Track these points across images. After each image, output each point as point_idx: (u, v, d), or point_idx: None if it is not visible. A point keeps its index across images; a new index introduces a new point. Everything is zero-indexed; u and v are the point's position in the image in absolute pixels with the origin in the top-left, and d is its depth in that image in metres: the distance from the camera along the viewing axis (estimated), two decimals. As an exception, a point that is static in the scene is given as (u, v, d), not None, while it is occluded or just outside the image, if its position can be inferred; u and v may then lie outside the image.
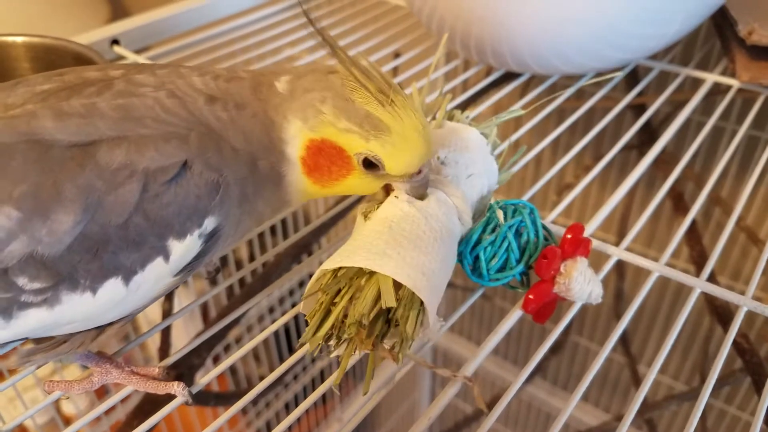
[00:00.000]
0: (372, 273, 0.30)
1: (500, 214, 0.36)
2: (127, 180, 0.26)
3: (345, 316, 0.30)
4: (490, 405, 0.31)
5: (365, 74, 0.29)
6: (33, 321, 0.27)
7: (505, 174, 0.41)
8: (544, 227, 0.37)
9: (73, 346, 0.30)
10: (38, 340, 0.30)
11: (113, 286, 0.27)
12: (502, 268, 0.35)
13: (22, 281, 0.26)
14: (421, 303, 0.30)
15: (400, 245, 0.30)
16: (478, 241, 0.35)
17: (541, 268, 0.34)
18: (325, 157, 0.31)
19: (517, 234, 0.35)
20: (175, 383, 0.33)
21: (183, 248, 0.28)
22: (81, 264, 0.26)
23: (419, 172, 0.32)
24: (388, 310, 0.29)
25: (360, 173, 0.31)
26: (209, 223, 0.29)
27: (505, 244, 0.35)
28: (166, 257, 0.28)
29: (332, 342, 0.30)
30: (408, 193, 0.33)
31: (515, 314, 0.35)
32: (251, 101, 0.30)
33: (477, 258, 0.35)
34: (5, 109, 0.27)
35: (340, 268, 0.31)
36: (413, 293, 0.29)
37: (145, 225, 0.27)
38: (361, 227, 0.34)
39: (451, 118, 0.41)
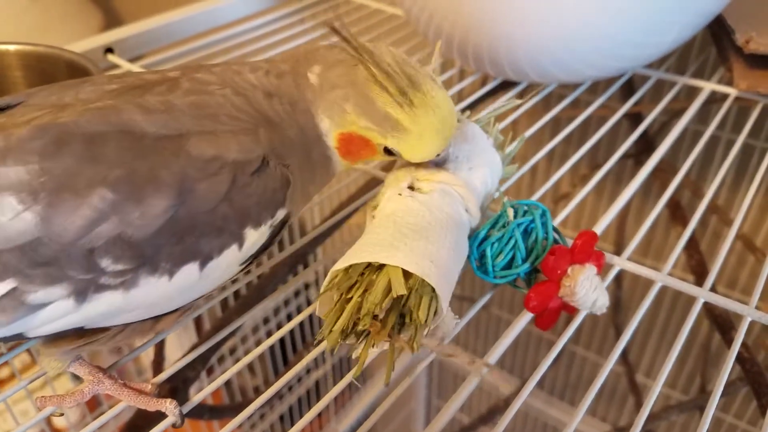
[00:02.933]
0: (382, 266, 0.30)
1: (510, 211, 0.36)
2: (219, 170, 0.28)
3: (359, 311, 0.30)
4: (487, 416, 0.31)
5: (387, 75, 0.31)
6: (104, 305, 0.27)
7: (511, 167, 0.41)
8: (555, 230, 0.36)
9: (131, 333, 0.31)
10: (86, 333, 0.30)
11: (189, 271, 0.28)
12: (507, 266, 0.35)
13: (105, 262, 0.26)
14: (433, 290, 0.30)
15: (406, 237, 0.31)
16: (486, 237, 0.36)
17: (548, 265, 0.34)
18: (354, 145, 0.33)
19: (526, 233, 0.36)
20: (167, 401, 0.32)
21: (256, 236, 0.30)
22: (165, 247, 0.27)
23: (437, 155, 0.35)
24: (403, 303, 0.30)
25: (384, 155, 0.34)
26: (280, 214, 0.31)
27: (512, 242, 0.35)
28: (241, 245, 0.29)
29: (350, 339, 0.31)
30: (428, 166, 0.36)
31: (523, 319, 0.35)
32: (299, 97, 0.33)
33: (483, 254, 0.35)
34: (83, 103, 0.28)
35: (351, 266, 0.31)
36: (423, 281, 0.30)
37: (230, 213, 0.28)
38: (368, 226, 0.35)
39: None
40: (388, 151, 0.33)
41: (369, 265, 0.31)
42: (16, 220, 0.25)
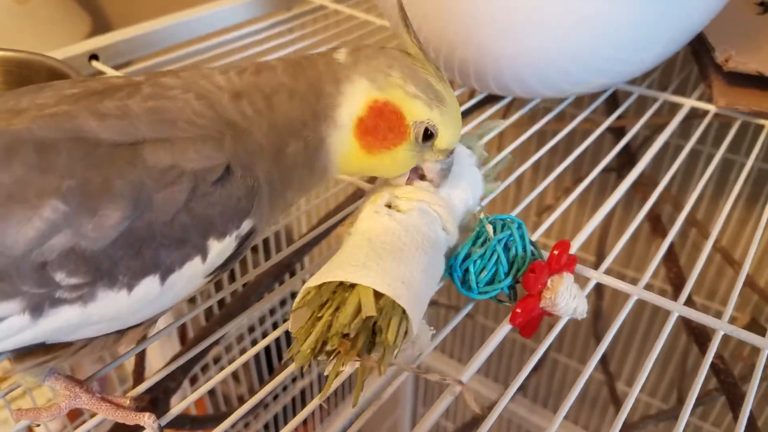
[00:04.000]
0: (354, 285, 0.30)
1: (490, 228, 0.36)
2: (177, 179, 0.27)
3: (329, 328, 0.30)
4: (472, 423, 0.31)
5: (425, 52, 0.32)
6: (62, 320, 0.26)
7: (491, 185, 0.42)
8: (531, 242, 0.37)
9: (94, 349, 0.30)
10: (52, 348, 0.29)
11: (150, 284, 0.27)
12: (490, 281, 0.36)
13: (59, 276, 0.25)
14: (404, 312, 0.30)
15: (379, 257, 0.31)
16: (468, 255, 0.36)
17: (529, 282, 0.34)
18: (384, 120, 0.32)
19: (506, 248, 0.36)
20: (146, 414, 0.32)
21: (221, 248, 0.29)
22: (123, 260, 0.26)
23: (451, 152, 0.35)
24: (373, 322, 0.30)
25: (409, 145, 0.33)
26: (246, 225, 0.30)
27: (494, 258, 0.36)
28: (204, 256, 0.28)
29: (320, 357, 0.31)
30: (434, 176, 0.35)
31: (504, 329, 0.35)
32: (287, 84, 0.31)
33: (467, 271, 0.36)
34: (39, 108, 0.27)
35: (324, 283, 0.31)
36: (395, 302, 0.30)
37: (190, 223, 0.27)
38: (344, 243, 0.34)
39: None
40: (423, 135, 0.33)
41: (341, 283, 0.31)
42: None
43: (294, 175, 0.32)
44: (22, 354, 0.29)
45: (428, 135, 0.33)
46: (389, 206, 0.35)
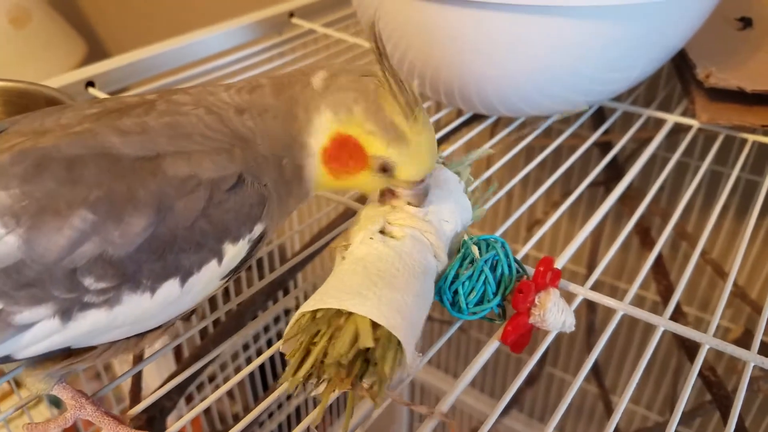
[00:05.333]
0: (350, 313, 0.30)
1: (475, 249, 0.37)
2: (195, 187, 0.29)
3: (324, 355, 0.30)
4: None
5: (399, 86, 0.32)
6: (88, 323, 0.28)
7: (479, 210, 0.42)
8: (516, 260, 0.38)
9: (116, 351, 0.32)
10: (76, 352, 0.31)
11: (171, 286, 0.29)
12: (479, 302, 0.36)
13: (88, 281, 0.27)
14: (398, 341, 0.30)
15: (374, 284, 0.31)
16: (456, 277, 0.36)
17: (518, 301, 0.35)
18: (345, 151, 0.34)
19: (492, 268, 0.37)
20: None
21: (235, 251, 0.31)
22: (146, 264, 0.28)
23: (422, 181, 0.35)
24: (367, 349, 0.30)
25: (371, 172, 0.34)
26: (258, 229, 0.31)
27: (482, 278, 0.36)
28: (220, 259, 0.30)
29: (312, 381, 0.31)
30: (411, 199, 0.36)
31: (491, 347, 0.36)
32: (272, 104, 0.33)
33: (456, 293, 0.36)
34: (63, 128, 0.29)
35: (318, 309, 0.31)
36: (390, 332, 0.30)
37: (208, 229, 0.29)
38: (338, 268, 0.34)
39: None
40: (381, 168, 0.34)
41: (337, 310, 0.31)
42: None
43: (291, 185, 0.34)
44: (43, 359, 0.30)
45: (386, 170, 0.34)
46: (382, 232, 0.35)
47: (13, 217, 0.26)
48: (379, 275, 0.32)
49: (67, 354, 0.31)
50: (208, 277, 0.30)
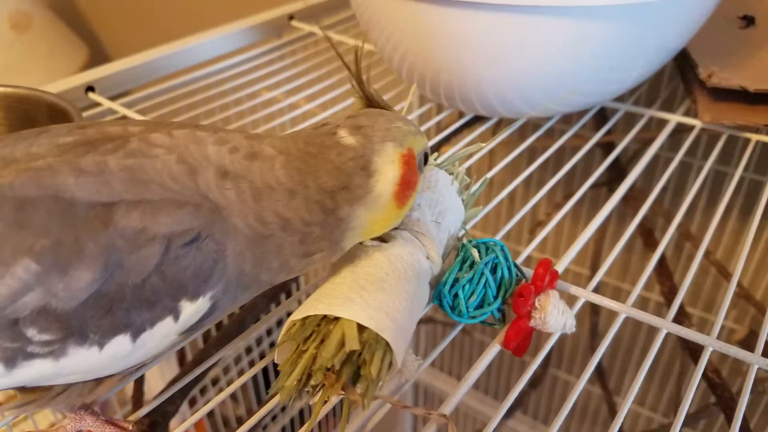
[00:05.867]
0: (338, 318, 0.30)
1: (475, 252, 0.37)
2: (149, 242, 0.27)
3: (315, 362, 0.30)
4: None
5: (382, 100, 0.35)
6: (35, 371, 0.27)
7: (474, 210, 0.42)
8: (514, 264, 0.38)
9: (70, 396, 0.30)
10: (32, 390, 0.30)
11: (120, 342, 0.27)
12: (480, 305, 0.36)
13: (31, 332, 0.26)
14: (387, 344, 0.30)
15: (363, 288, 0.31)
16: (456, 280, 0.36)
17: (519, 305, 0.35)
18: (410, 168, 0.33)
19: (492, 271, 0.37)
20: None
21: (194, 309, 0.29)
22: (93, 320, 0.26)
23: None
24: (358, 354, 0.30)
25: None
26: (220, 287, 0.29)
27: (483, 281, 0.36)
28: (176, 317, 0.28)
29: (307, 390, 0.31)
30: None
31: (494, 349, 0.36)
32: (284, 183, 0.30)
33: (456, 296, 0.36)
34: (29, 159, 0.28)
35: (308, 316, 0.31)
36: (378, 335, 0.30)
37: (161, 286, 0.27)
38: (329, 273, 0.34)
39: None
40: (426, 160, 0.36)
41: (326, 316, 0.31)
42: None
43: (277, 260, 0.31)
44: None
45: (425, 160, 0.36)
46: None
47: None
48: (367, 279, 0.32)
49: (26, 391, 0.30)
50: (164, 334, 0.29)
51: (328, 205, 0.31)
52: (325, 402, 0.30)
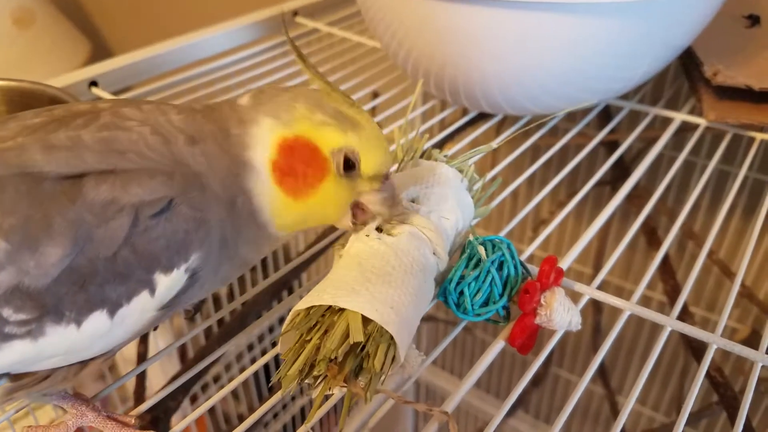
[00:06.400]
0: (343, 310, 0.30)
1: (482, 250, 0.37)
2: (117, 214, 0.27)
3: (317, 353, 0.30)
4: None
5: (332, 87, 0.31)
6: (16, 354, 0.27)
7: (483, 208, 0.42)
8: (520, 261, 0.38)
9: (55, 381, 0.30)
10: (18, 377, 0.30)
11: (98, 319, 0.27)
12: (485, 303, 0.36)
13: (6, 312, 0.26)
14: (392, 337, 0.30)
15: (368, 281, 0.31)
16: (462, 278, 0.36)
17: (524, 302, 0.35)
18: (298, 158, 0.30)
19: (498, 268, 0.36)
20: None
21: (169, 282, 0.28)
22: (67, 296, 0.26)
23: (387, 177, 0.33)
24: (362, 347, 0.30)
25: (334, 179, 0.31)
26: (195, 259, 0.29)
27: (489, 279, 0.36)
28: (152, 291, 0.28)
29: (308, 381, 0.31)
30: (379, 208, 0.33)
31: (496, 347, 0.36)
32: (210, 129, 0.30)
33: (461, 294, 0.36)
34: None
35: (312, 306, 0.31)
36: (382, 328, 0.30)
37: (133, 258, 0.27)
38: (334, 265, 0.34)
39: (429, 157, 0.42)
40: (345, 165, 0.31)
41: (330, 306, 0.31)
42: None
43: (247, 230, 0.31)
44: None
45: (350, 164, 0.31)
46: (379, 229, 0.35)
47: None
48: (374, 272, 0.32)
49: (12, 378, 0.30)
50: (141, 309, 0.28)
51: (228, 148, 0.30)
52: (327, 395, 0.30)
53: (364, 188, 0.32)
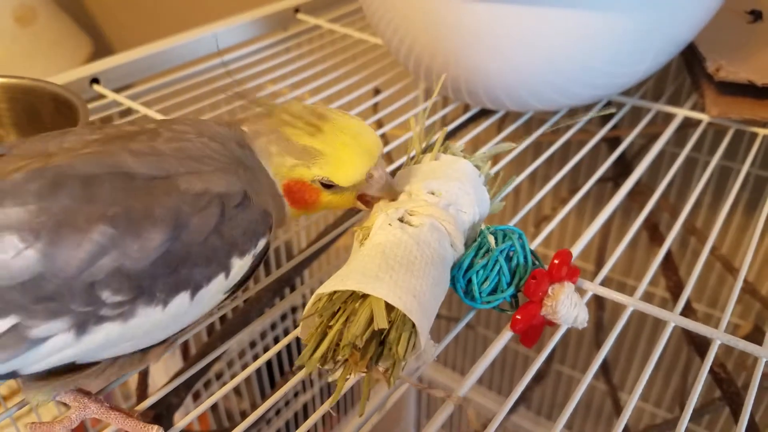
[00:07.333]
0: (366, 296, 0.31)
1: (492, 238, 0.37)
2: (208, 204, 0.30)
3: (340, 338, 0.30)
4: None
5: (293, 115, 0.34)
6: (102, 336, 0.28)
7: (497, 204, 0.42)
8: (532, 252, 0.38)
9: (122, 368, 0.32)
10: (80, 367, 0.31)
11: (182, 299, 0.30)
12: (493, 291, 0.36)
13: (105, 295, 0.27)
14: (413, 325, 0.30)
15: (392, 269, 0.32)
16: (471, 265, 0.36)
17: (530, 288, 0.35)
18: (296, 191, 0.36)
19: (508, 258, 0.37)
20: (154, 427, 0.33)
21: (241, 265, 0.32)
22: (161, 278, 0.29)
23: (371, 176, 0.36)
24: (381, 332, 0.30)
25: (327, 192, 0.36)
26: (261, 243, 0.33)
27: (497, 268, 0.36)
28: (227, 273, 0.31)
29: (328, 365, 0.31)
30: (378, 193, 0.37)
31: (500, 341, 0.36)
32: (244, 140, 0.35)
33: (469, 281, 0.36)
34: (69, 151, 0.30)
35: (335, 291, 0.32)
36: (405, 316, 0.30)
37: (219, 244, 0.30)
38: (356, 252, 0.35)
39: (446, 149, 0.42)
40: (324, 185, 0.36)
41: (353, 292, 0.31)
42: (18, 258, 0.26)
43: (281, 214, 0.37)
44: (47, 374, 0.30)
45: (329, 185, 0.36)
46: (401, 220, 0.36)
47: (32, 232, 0.26)
48: (397, 260, 0.32)
49: (71, 368, 0.31)
50: (216, 290, 0.31)
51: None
52: (347, 379, 0.31)
53: (354, 188, 0.37)
